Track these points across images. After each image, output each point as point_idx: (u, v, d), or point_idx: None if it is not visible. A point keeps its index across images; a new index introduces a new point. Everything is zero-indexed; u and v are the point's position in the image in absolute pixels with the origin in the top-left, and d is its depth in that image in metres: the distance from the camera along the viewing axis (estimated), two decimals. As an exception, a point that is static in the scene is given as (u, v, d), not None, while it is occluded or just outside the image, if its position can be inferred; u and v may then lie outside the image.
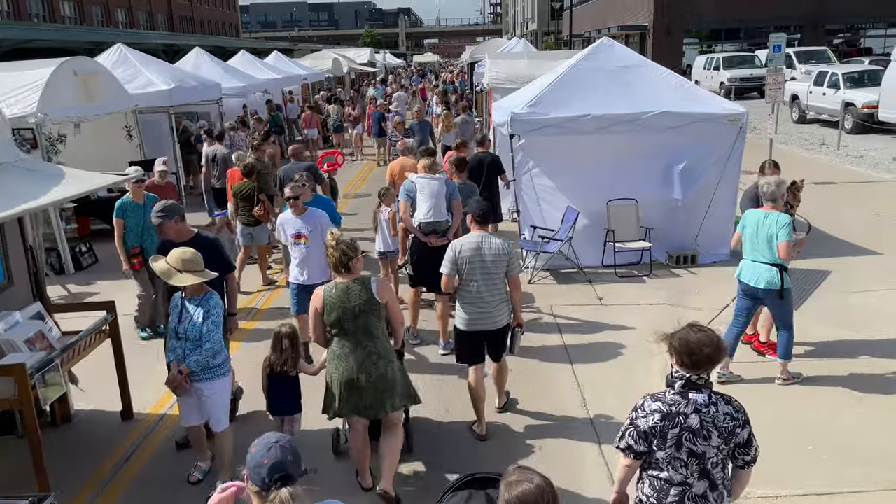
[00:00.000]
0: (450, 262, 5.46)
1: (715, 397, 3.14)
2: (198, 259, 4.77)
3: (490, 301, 5.43)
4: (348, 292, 4.60)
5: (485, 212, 5.61)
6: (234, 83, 18.93)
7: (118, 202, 7.73)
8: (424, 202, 7.23)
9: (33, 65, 10.73)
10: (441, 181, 7.32)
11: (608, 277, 9.38)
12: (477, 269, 5.39)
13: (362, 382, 4.64)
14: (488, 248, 5.40)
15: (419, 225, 7.27)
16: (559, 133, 9.36)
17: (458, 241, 5.51)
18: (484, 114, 20.76)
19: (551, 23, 76.97)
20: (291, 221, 6.66)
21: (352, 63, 38.69)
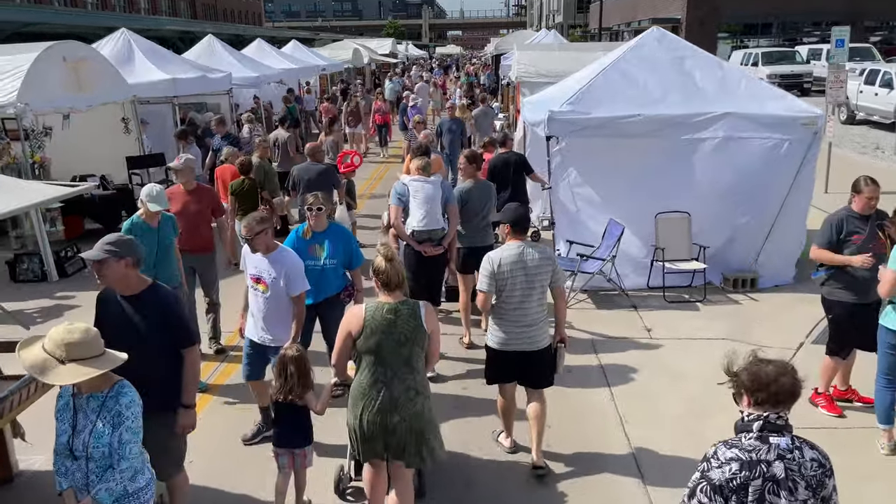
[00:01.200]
0: (487, 278, 4.83)
1: (798, 441, 2.75)
2: (90, 340, 3.15)
3: (532, 318, 4.88)
4: (396, 315, 3.94)
5: (522, 218, 4.99)
6: (247, 73, 17.85)
7: (125, 224, 6.06)
8: (418, 208, 6.58)
9: (17, 49, 9.73)
10: (436, 184, 6.65)
11: (655, 302, 8.18)
12: (518, 283, 4.81)
13: (395, 421, 3.96)
14: (531, 259, 4.82)
15: (412, 233, 6.65)
16: (604, 135, 8.16)
17: (496, 254, 4.89)
18: (511, 109, 19.55)
19: (578, 15, 75.43)
20: (253, 259, 5.13)
21: (373, 54, 37.56)
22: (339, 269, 5.69)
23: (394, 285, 3.97)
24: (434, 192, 6.61)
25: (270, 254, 5.04)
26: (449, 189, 6.85)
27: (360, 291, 5.77)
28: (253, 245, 4.99)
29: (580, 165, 8.35)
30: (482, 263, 4.91)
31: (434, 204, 6.59)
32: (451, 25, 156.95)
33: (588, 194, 8.40)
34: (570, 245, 8.42)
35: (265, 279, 5.03)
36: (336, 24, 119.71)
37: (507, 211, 5.08)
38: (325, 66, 26.63)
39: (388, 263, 3.96)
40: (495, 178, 8.53)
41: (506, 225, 4.98)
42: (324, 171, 8.93)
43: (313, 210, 5.55)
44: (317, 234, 5.60)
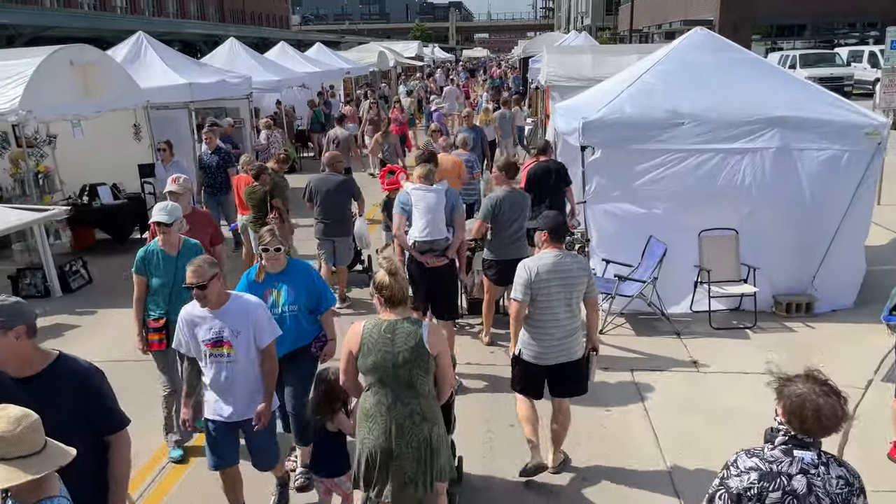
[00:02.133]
0: (523, 286, 4.70)
1: (825, 457, 2.67)
2: (19, 435, 2.38)
3: (569, 329, 4.77)
4: (394, 333, 3.71)
5: (560, 227, 4.90)
6: (269, 77, 17.38)
7: (140, 252, 5.26)
8: (419, 217, 6.29)
9: (22, 53, 9.30)
10: (439, 193, 6.32)
11: (701, 328, 7.45)
12: (554, 293, 4.70)
13: (401, 449, 3.72)
14: (568, 269, 4.73)
15: (414, 243, 6.34)
16: (644, 145, 7.48)
17: (532, 262, 4.76)
18: (539, 114, 18.85)
19: (606, 18, 74.51)
20: (202, 319, 4.09)
21: (398, 57, 37.06)
22: (303, 316, 4.77)
23: (396, 301, 3.74)
24: (437, 201, 6.27)
25: (223, 306, 4.07)
26: (455, 197, 6.47)
27: (332, 340, 4.94)
28: (203, 296, 3.98)
29: (617, 178, 7.66)
30: (517, 271, 4.76)
31: (437, 213, 6.25)
32: (478, 28, 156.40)
33: (626, 209, 7.70)
34: (607, 264, 7.74)
35: (227, 338, 4.05)
36: (363, 27, 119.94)
37: (544, 218, 4.92)
38: (350, 70, 26.16)
39: (390, 278, 3.72)
40: (535, 188, 8.12)
41: (543, 232, 4.83)
42: (342, 183, 8.37)
43: (269, 250, 4.60)
44: (272, 276, 4.70)
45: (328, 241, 8.33)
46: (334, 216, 8.24)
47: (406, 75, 37.73)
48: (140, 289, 5.26)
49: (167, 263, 5.17)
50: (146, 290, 5.24)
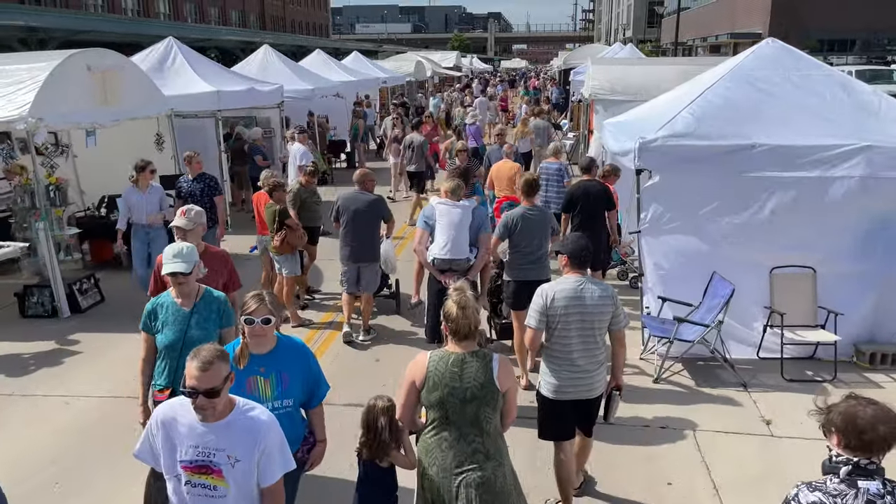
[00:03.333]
0: (538, 313, 4.40)
1: (890, 485, 2.52)
2: None
3: (588, 363, 4.40)
4: (462, 368, 3.48)
5: (583, 252, 4.49)
6: (302, 85, 16.84)
7: (147, 305, 4.29)
8: (441, 233, 5.98)
9: (38, 57, 8.78)
10: (465, 210, 6.01)
11: (771, 379, 6.55)
12: (574, 322, 4.35)
13: (458, 487, 3.43)
14: (589, 297, 4.37)
15: (433, 261, 6.03)
16: (709, 170, 6.63)
17: (550, 287, 4.45)
18: (582, 128, 17.99)
19: (648, 30, 73.39)
20: (188, 428, 2.89)
21: (436, 67, 36.49)
22: (297, 414, 3.73)
23: (463, 334, 3.49)
24: (461, 218, 5.94)
25: (226, 418, 2.87)
26: (482, 216, 6.11)
27: (322, 442, 3.87)
28: (208, 407, 2.79)
29: (677, 206, 6.81)
30: (534, 296, 4.45)
31: (460, 231, 5.91)
32: (516, 39, 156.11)
33: (686, 242, 6.84)
34: (663, 303, 6.88)
35: (219, 466, 2.85)
36: (402, 37, 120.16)
37: (567, 241, 4.60)
38: (387, 79, 25.61)
39: (459, 311, 3.47)
40: (571, 209, 7.86)
41: (563, 257, 4.51)
42: (373, 202, 7.66)
43: (255, 322, 3.44)
44: (258, 358, 3.54)
45: (353, 266, 7.66)
46: (362, 239, 7.59)
47: (441, 86, 37.07)
48: (148, 349, 4.28)
49: (179, 319, 4.15)
50: (154, 350, 4.27)
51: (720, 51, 48.49)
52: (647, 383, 6.59)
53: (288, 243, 7.67)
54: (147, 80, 10.29)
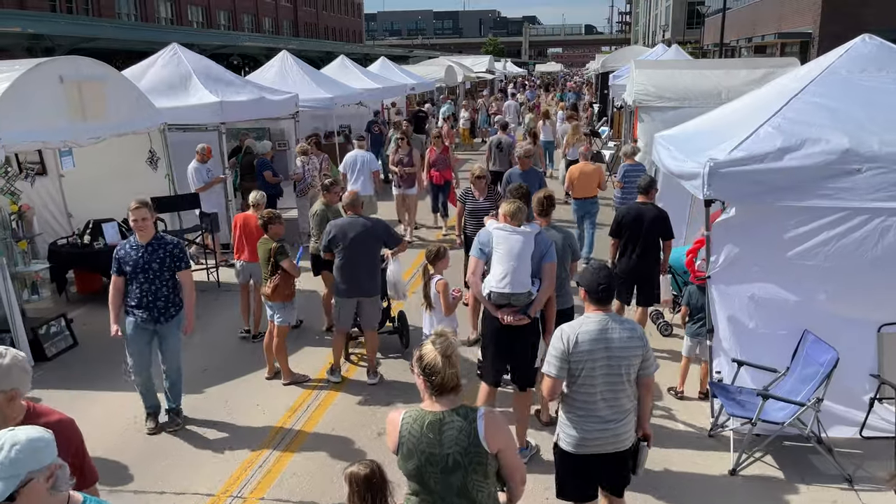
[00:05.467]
0: (557, 359, 3.86)
1: None
2: None
3: (615, 412, 3.86)
4: (441, 431, 2.97)
5: (605, 287, 3.88)
6: (320, 94, 15.66)
7: None
8: (499, 263, 5.17)
9: (11, 66, 7.67)
10: (528, 237, 5.16)
11: (882, 468, 5.07)
12: (599, 367, 3.81)
13: None
14: (617, 338, 3.81)
15: (489, 294, 5.17)
16: (800, 200, 5.21)
17: (571, 328, 3.89)
18: (623, 136, 16.52)
19: (688, 31, 71.39)
20: None
21: (468, 72, 35.19)
22: None
23: (447, 389, 3.02)
24: (523, 247, 5.10)
25: None
26: (547, 244, 5.25)
27: None
28: None
29: (759, 246, 5.40)
30: (552, 340, 3.95)
31: (521, 261, 5.09)
32: (551, 42, 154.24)
33: (770, 292, 5.42)
34: (739, 367, 5.46)
35: None
36: (436, 41, 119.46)
37: (587, 272, 4.00)
38: (414, 85, 24.38)
39: (444, 360, 2.99)
40: (620, 234, 7.16)
41: (582, 290, 3.97)
42: (373, 227, 6.57)
43: None
44: None
45: (350, 301, 6.59)
46: (362, 269, 6.53)
47: (474, 91, 35.73)
48: None
49: None
50: None
51: (766, 51, 46.45)
52: (720, 469, 5.20)
53: (280, 292, 6.45)
54: (136, 92, 9.16)
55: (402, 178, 12.11)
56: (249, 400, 6.42)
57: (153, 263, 5.64)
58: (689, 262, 6.31)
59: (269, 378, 6.81)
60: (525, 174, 9.08)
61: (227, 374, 6.96)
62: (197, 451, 5.65)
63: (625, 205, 10.49)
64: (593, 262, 4.16)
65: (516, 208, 5.23)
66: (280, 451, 5.61)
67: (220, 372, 7.02)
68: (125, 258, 5.67)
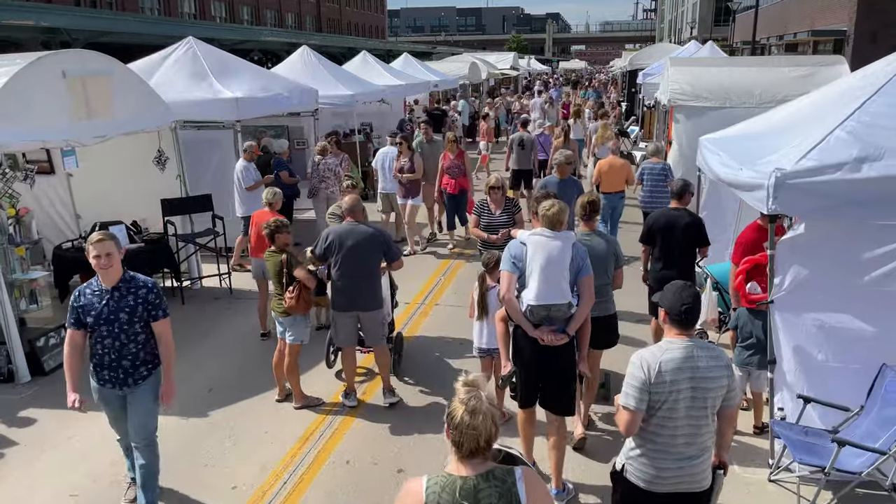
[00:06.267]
0: (637, 390, 3.40)
1: None
2: None
3: (696, 448, 3.48)
4: (477, 498, 2.51)
5: (688, 309, 3.47)
6: (341, 91, 15.14)
7: None
8: (535, 274, 4.65)
9: (13, 60, 7.21)
10: (565, 242, 4.71)
11: (973, 527, 4.44)
12: (684, 400, 3.40)
13: None
14: (703, 367, 3.40)
15: (527, 310, 4.67)
16: (883, 217, 4.56)
17: (652, 356, 3.42)
18: (656, 138, 15.83)
19: (715, 29, 70.16)
20: None
21: (492, 68, 34.55)
22: None
23: (469, 450, 2.52)
24: (560, 253, 4.63)
25: None
26: (582, 256, 4.77)
27: None
28: None
29: (832, 269, 4.76)
30: (628, 368, 3.50)
31: (559, 268, 4.63)
32: (574, 40, 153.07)
33: (842, 321, 4.78)
34: (805, 404, 4.83)
35: None
36: (458, 38, 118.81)
37: (668, 291, 3.56)
38: (438, 82, 23.80)
39: (467, 415, 2.50)
40: (651, 241, 6.70)
41: (663, 312, 3.54)
42: (374, 235, 5.99)
43: None
44: None
45: (350, 316, 6.04)
46: (360, 282, 5.96)
47: (497, 89, 35.01)
48: None
49: None
50: None
51: (797, 49, 45.31)
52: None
53: (304, 301, 5.91)
54: (145, 88, 8.67)
55: (403, 187, 11.05)
56: (257, 426, 5.89)
57: (121, 313, 4.40)
58: (740, 285, 5.67)
59: (280, 400, 6.27)
60: (563, 183, 8.10)
61: (235, 393, 6.45)
62: (195, 487, 5.12)
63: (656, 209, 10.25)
64: (676, 281, 3.70)
65: (559, 209, 4.71)
66: (289, 489, 5.06)
67: (228, 392, 6.50)
68: (87, 307, 4.45)
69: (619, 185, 10.64)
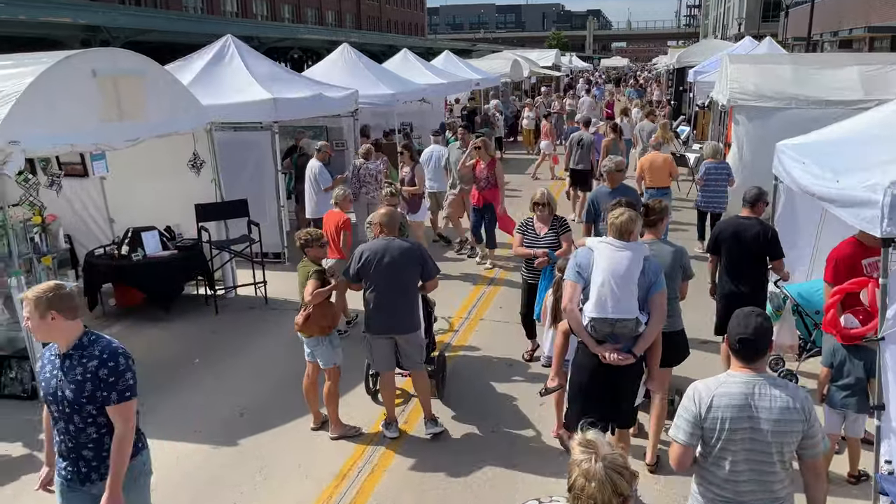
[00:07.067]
0: (689, 424, 3.12)
1: None
2: None
3: (762, 498, 3.09)
4: None
5: (745, 340, 3.08)
6: (382, 90, 14.67)
7: None
8: (600, 284, 4.26)
9: (39, 58, 6.86)
10: (636, 254, 4.31)
11: None
12: (742, 443, 3.05)
13: None
14: (766, 407, 3.02)
15: (590, 324, 4.30)
16: None
17: (706, 389, 3.12)
18: (710, 138, 15.03)
19: (762, 25, 68.33)
20: None
21: (534, 66, 33.83)
22: None
23: None
24: (629, 265, 4.26)
25: None
26: (656, 270, 4.39)
27: None
28: None
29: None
30: (683, 399, 3.18)
31: (627, 283, 4.24)
32: (615, 37, 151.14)
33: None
34: (919, 458, 4.17)
35: None
36: (497, 35, 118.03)
37: (734, 317, 3.14)
38: (480, 81, 23.21)
39: (585, 481, 2.15)
40: (718, 251, 6.22)
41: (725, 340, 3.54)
42: (410, 251, 5.45)
43: None
44: None
45: (386, 340, 5.51)
46: (398, 302, 5.44)
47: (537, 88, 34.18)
48: None
49: None
50: None
51: (851, 46, 43.65)
52: None
53: (316, 325, 5.39)
54: (179, 88, 8.28)
55: (405, 201, 9.73)
56: (291, 457, 5.41)
57: (66, 390, 3.30)
58: (832, 320, 4.98)
59: (316, 428, 5.77)
60: (615, 193, 7.06)
61: (268, 418, 5.98)
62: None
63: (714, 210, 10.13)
64: (746, 308, 3.27)
65: (627, 218, 4.35)
66: (324, 535, 4.58)
67: (260, 416, 6.04)
68: (40, 375, 3.51)
69: (664, 180, 10.37)
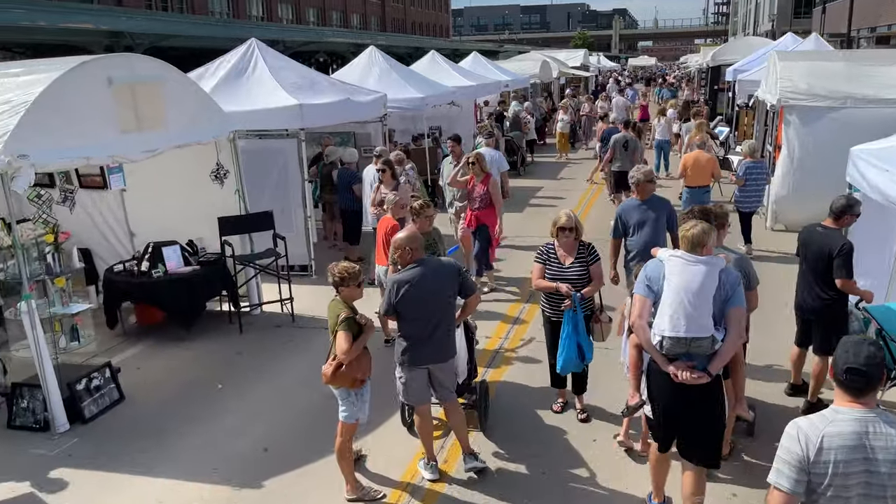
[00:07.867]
0: (792, 467, 2.78)
1: None
2: None
3: None
4: None
5: (852, 371, 2.75)
6: (410, 93, 14.17)
7: None
8: (671, 300, 3.94)
9: (51, 65, 6.46)
10: (711, 268, 3.97)
11: None
12: (856, 487, 2.72)
13: None
14: (881, 447, 2.71)
15: (661, 342, 3.99)
16: None
17: (812, 428, 2.79)
18: (756, 138, 14.29)
19: (794, 21, 66.91)
20: None
21: (563, 66, 33.16)
22: None
23: None
24: (703, 280, 3.96)
25: None
26: (733, 283, 4.06)
27: None
28: None
29: None
30: (782, 439, 2.83)
31: (701, 299, 3.94)
32: (642, 36, 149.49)
33: None
34: None
35: None
36: (523, 36, 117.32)
37: (841, 344, 2.82)
38: (509, 82, 22.65)
39: None
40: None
41: (830, 369, 2.87)
42: (449, 273, 4.94)
43: None
44: None
45: (421, 371, 4.95)
46: (439, 330, 4.90)
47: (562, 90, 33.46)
48: None
49: None
50: None
51: (889, 42, 42.33)
52: None
53: (345, 376, 4.77)
54: (201, 95, 7.86)
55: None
56: (319, 501, 4.90)
57: None
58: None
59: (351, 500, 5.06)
60: (644, 206, 6.53)
61: (294, 454, 5.47)
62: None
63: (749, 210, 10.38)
64: (852, 336, 3.08)
65: (700, 231, 4.08)
66: None
67: (286, 451, 5.53)
68: None
69: (705, 179, 10.28)
